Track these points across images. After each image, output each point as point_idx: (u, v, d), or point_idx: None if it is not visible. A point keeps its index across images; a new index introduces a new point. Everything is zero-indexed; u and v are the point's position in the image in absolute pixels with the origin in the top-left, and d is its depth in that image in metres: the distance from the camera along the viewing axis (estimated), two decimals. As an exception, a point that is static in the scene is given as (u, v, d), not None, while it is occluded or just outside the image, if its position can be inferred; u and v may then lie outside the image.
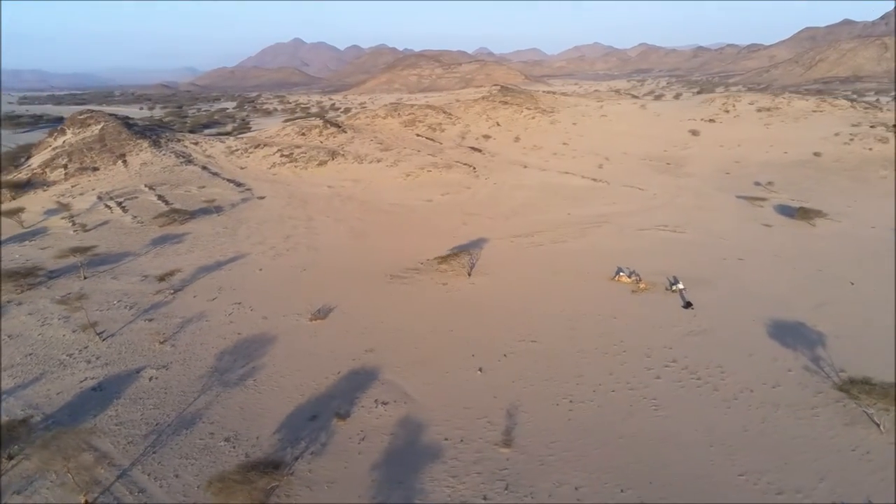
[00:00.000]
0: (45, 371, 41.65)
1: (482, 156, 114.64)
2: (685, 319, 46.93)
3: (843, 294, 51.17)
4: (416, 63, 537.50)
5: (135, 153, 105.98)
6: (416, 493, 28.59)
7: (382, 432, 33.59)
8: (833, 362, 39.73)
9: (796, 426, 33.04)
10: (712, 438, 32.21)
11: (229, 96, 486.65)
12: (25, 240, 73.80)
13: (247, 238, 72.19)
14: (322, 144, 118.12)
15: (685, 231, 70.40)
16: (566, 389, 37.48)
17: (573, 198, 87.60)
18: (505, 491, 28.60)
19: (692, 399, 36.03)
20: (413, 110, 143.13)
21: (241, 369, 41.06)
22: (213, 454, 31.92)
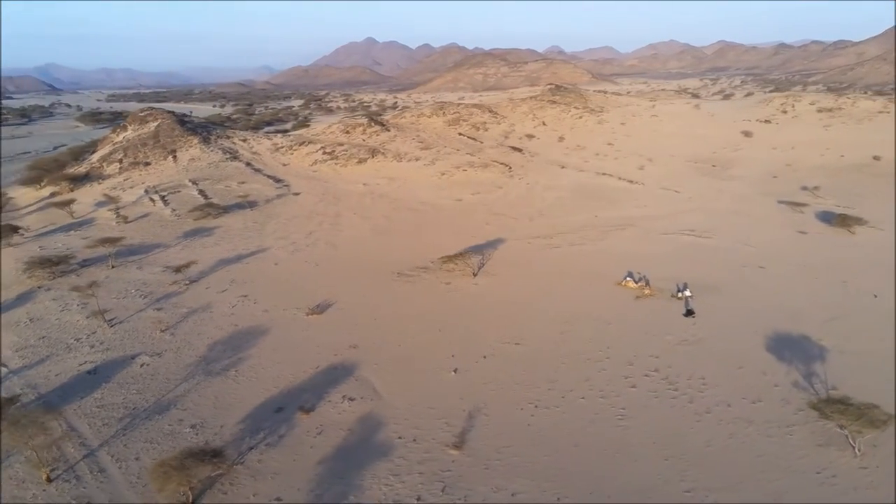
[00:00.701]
0: (51, 353, 44.32)
1: (521, 155, 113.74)
2: (682, 328, 45.37)
3: (861, 307, 48.19)
4: (482, 62, 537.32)
5: (185, 149, 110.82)
6: (354, 490, 28.93)
7: (340, 428, 34.11)
8: (827, 379, 37.57)
9: (764, 444, 31.48)
10: (670, 452, 31.11)
11: (299, 94, 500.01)
12: (71, 230, 78.45)
13: (272, 233, 74.34)
14: (364, 142, 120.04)
15: (712, 236, 67.84)
16: (535, 394, 36.98)
17: (604, 199, 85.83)
18: (441, 493, 28.57)
19: (662, 410, 34.88)
20: (458, 109, 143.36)
21: (227, 360, 42.48)
22: (176, 440, 33.25)
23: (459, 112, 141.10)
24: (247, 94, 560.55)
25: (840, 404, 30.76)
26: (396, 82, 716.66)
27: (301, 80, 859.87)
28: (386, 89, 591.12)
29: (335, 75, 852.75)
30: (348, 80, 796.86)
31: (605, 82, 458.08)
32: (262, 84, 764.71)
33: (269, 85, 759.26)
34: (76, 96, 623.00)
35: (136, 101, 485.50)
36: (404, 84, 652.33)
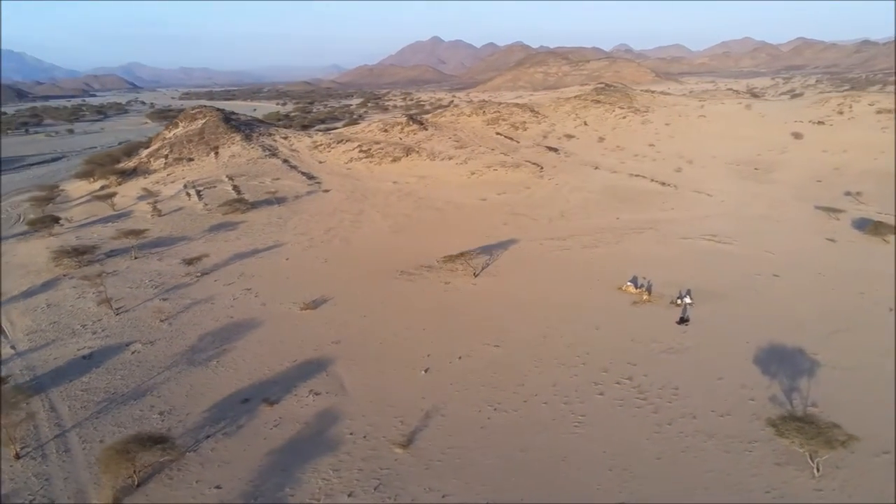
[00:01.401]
0: (57, 338, 46.95)
1: (556, 156, 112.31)
2: (671, 336, 44.03)
3: (870, 321, 45.52)
4: (543, 60, 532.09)
5: (227, 146, 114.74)
6: (292, 482, 29.53)
7: (297, 421, 34.81)
8: (809, 396, 35.75)
9: (719, 459, 30.28)
10: (617, 462, 30.34)
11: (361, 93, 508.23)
12: (109, 221, 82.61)
13: (293, 229, 76.18)
14: (401, 141, 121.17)
15: (733, 242, 65.35)
16: (499, 397, 36.72)
17: (631, 202, 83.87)
18: (373, 490, 28.81)
19: (623, 419, 34.02)
20: (499, 108, 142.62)
21: (212, 350, 43.94)
22: (142, 425, 34.69)
23: (500, 111, 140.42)
24: (311, 92, 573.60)
25: (799, 422, 29.21)
26: (458, 81, 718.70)
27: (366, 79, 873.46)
28: (447, 88, 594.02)
29: (399, 74, 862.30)
30: (412, 79, 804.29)
31: (670, 81, 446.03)
32: (328, 83, 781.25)
33: (335, 84, 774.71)
34: (153, 94, 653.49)
35: (206, 98, 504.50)
36: (466, 83, 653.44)
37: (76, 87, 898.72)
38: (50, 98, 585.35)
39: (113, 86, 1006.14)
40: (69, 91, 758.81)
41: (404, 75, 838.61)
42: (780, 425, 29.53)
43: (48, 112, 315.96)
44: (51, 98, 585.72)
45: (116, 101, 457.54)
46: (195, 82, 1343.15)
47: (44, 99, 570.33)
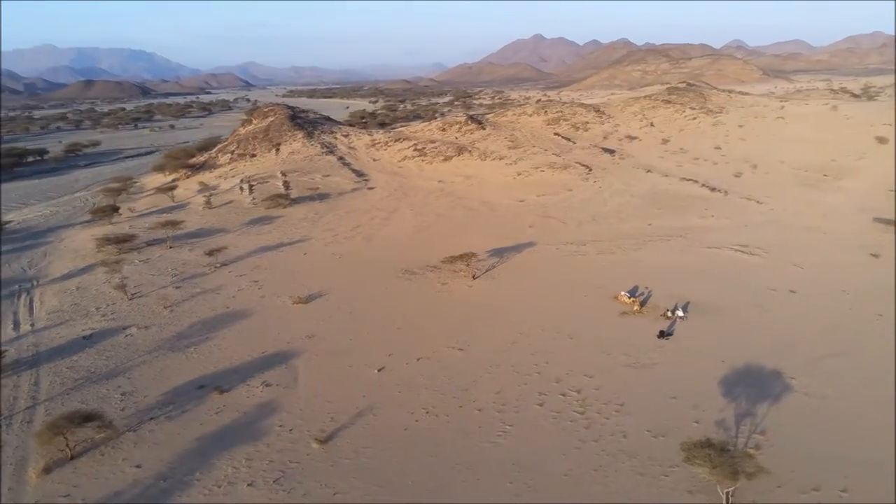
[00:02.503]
0: (71, 318, 51.24)
1: (610, 158, 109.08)
2: (643, 350, 42.21)
3: (874, 346, 41.66)
4: (642, 58, 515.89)
5: (289, 143, 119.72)
6: (205, 466, 31.00)
7: (238, 410, 36.36)
8: (763, 422, 33.36)
9: (629, 482, 28.96)
10: (522, 475, 29.69)
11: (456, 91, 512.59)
12: (165, 212, 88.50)
13: (323, 225, 78.73)
14: (456, 140, 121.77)
15: (762, 254, 61.36)
16: (437, 401, 36.71)
17: (671, 207, 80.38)
18: (272, 482, 29.74)
19: (551, 432, 33.15)
20: (562, 108, 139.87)
21: (196, 338, 46.49)
22: (104, 403, 37.40)
23: (562, 111, 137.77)
24: (407, 90, 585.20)
25: (710, 449, 27.37)
26: (556, 79, 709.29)
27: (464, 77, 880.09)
28: (542, 86, 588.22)
29: (497, 72, 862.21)
30: (509, 77, 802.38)
31: (779, 79, 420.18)
32: (426, 81, 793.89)
33: (433, 82, 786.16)
34: (261, 92, 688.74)
35: (306, 96, 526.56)
36: (563, 81, 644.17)
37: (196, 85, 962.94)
38: (170, 95, 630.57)
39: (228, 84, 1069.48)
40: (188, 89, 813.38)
41: (502, 73, 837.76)
42: (690, 450, 27.80)
43: (160, 108, 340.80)
44: (170, 95, 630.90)
45: (224, 99, 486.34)
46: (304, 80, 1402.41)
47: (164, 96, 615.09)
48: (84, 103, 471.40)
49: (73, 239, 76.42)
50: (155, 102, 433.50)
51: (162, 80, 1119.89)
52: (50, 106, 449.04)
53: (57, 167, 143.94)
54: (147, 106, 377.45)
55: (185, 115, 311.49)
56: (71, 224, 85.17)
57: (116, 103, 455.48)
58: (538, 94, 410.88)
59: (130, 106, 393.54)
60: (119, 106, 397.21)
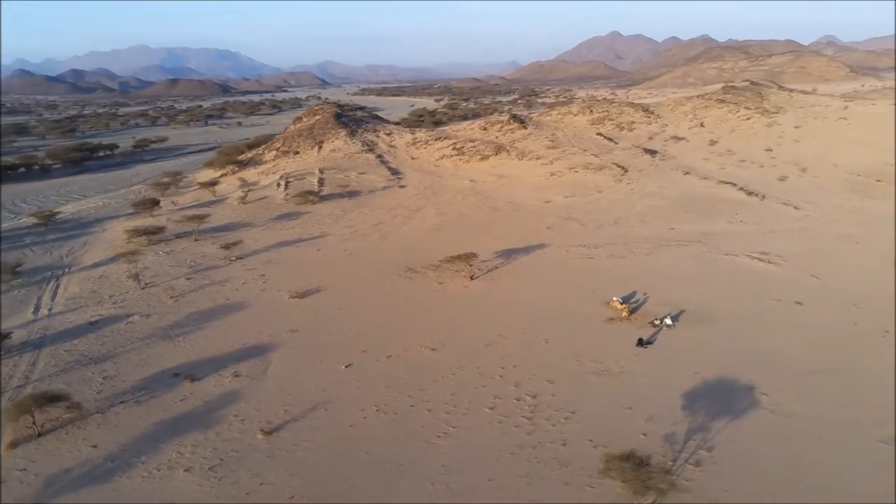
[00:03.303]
0: (84, 305, 54.53)
1: (650, 159, 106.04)
2: (617, 357, 41.23)
3: (865, 365, 39.19)
4: (720, 55, 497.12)
5: (331, 140, 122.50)
6: (153, 451, 32.52)
7: (202, 398, 37.88)
8: (714, 439, 32.07)
9: (552, 491, 28.49)
10: (447, 478, 29.71)
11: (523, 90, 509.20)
12: (205, 206, 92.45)
13: (345, 222, 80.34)
14: (496, 139, 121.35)
15: (780, 263, 58.52)
16: (391, 399, 37.09)
17: (698, 211, 77.62)
18: (208, 468, 30.95)
19: (492, 436, 32.96)
20: (608, 108, 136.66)
21: (189, 327, 48.62)
22: (85, 385, 39.76)
23: (608, 111, 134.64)
24: (476, 88, 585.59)
25: (627, 462, 26.59)
26: (629, 77, 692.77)
27: (536, 76, 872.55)
28: (613, 84, 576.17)
29: (569, 70, 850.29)
30: (581, 76, 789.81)
31: (868, 77, 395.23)
32: (497, 80, 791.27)
33: (503, 80, 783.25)
34: (334, 90, 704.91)
35: (375, 94, 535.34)
36: (636, 79, 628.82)
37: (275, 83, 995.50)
38: (247, 93, 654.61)
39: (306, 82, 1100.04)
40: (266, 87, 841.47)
41: (574, 71, 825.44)
42: (608, 462, 27.10)
43: (234, 106, 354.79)
44: (248, 93, 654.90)
45: (297, 97, 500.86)
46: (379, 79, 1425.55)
47: (242, 94, 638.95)
48: (167, 101, 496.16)
49: (114, 230, 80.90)
50: (231, 100, 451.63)
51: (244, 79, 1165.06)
52: (136, 103, 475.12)
53: (123, 161, 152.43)
54: (223, 104, 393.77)
55: (255, 112, 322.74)
56: (117, 216, 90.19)
57: (196, 101, 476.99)
58: (605, 93, 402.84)
59: (208, 104, 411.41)
60: (197, 104, 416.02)
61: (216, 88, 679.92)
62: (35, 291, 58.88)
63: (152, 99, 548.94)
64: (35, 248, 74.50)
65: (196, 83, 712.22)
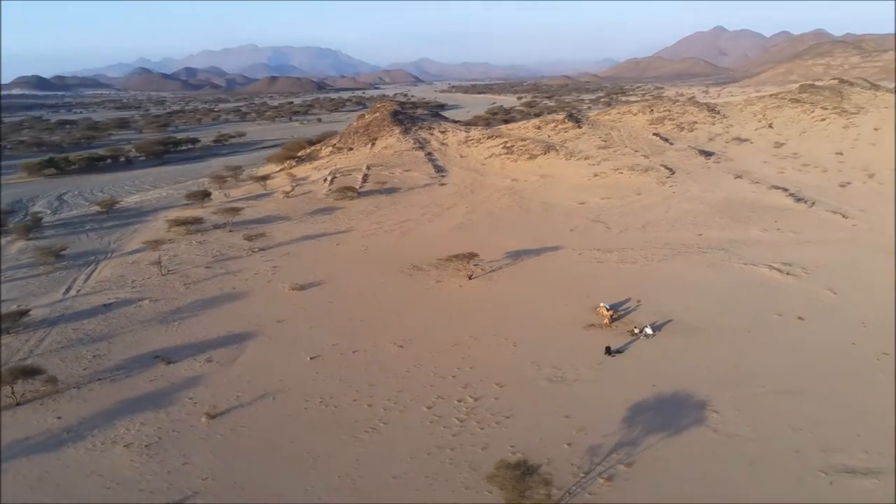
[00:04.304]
0: (107, 288, 58.84)
1: (704, 161, 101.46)
2: (579, 365, 40.41)
3: (842, 389, 36.45)
4: (828, 51, 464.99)
5: (384, 137, 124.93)
6: (106, 426, 34.98)
7: (171, 380, 40.22)
8: (641, 453, 31.00)
9: (451, 493, 28.51)
10: (354, 471, 30.31)
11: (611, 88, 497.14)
12: (253, 199, 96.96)
13: (375, 218, 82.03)
14: (548, 139, 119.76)
15: (801, 275, 55.05)
16: (339, 392, 38.04)
17: (736, 218, 73.86)
18: (144, 446, 33.05)
19: (418, 434, 33.25)
20: (670, 107, 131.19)
21: (187, 314, 51.55)
22: (75, 362, 43.09)
23: (670, 110, 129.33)
24: (564, 86, 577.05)
25: (514, 470, 26.22)
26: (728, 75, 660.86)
27: (630, 73, 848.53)
28: (711, 82, 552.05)
29: (665, 68, 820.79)
30: (678, 73, 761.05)
31: None
32: (587, 77, 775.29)
33: (595, 78, 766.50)
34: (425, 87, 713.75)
35: (462, 92, 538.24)
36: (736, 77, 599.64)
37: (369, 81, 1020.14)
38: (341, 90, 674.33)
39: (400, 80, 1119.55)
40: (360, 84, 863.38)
41: (671, 69, 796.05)
42: (497, 469, 26.83)
43: (321, 103, 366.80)
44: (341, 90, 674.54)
45: (385, 94, 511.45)
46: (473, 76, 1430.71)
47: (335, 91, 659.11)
48: (264, 97, 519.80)
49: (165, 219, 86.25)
50: (321, 97, 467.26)
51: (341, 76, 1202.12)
52: (235, 99, 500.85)
53: (201, 155, 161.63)
54: (312, 101, 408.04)
55: (340, 109, 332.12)
56: (172, 206, 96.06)
57: (291, 98, 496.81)
58: (696, 91, 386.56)
59: (299, 101, 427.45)
60: (288, 100, 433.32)
61: (311, 86, 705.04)
62: (73, 274, 63.88)
63: (251, 96, 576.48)
64: (91, 234, 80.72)
65: (293, 80, 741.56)
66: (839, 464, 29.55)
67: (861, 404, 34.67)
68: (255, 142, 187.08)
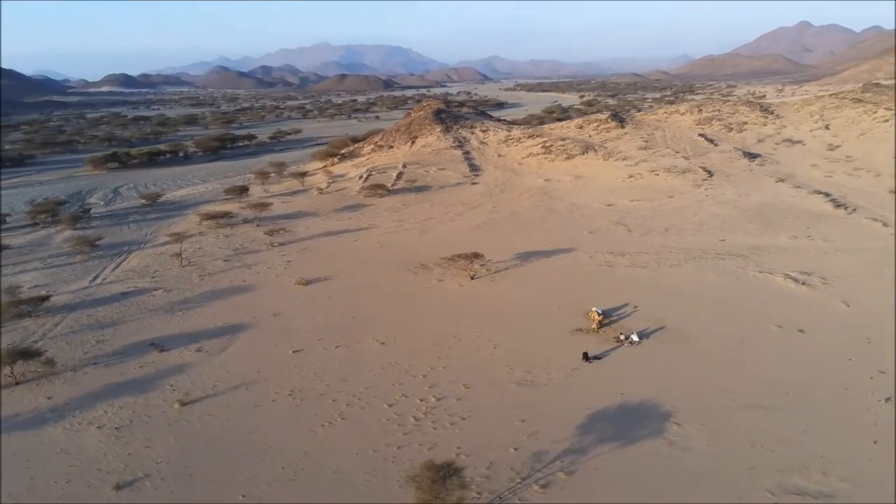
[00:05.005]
0: (129, 278, 61.99)
1: (747, 163, 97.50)
2: (554, 369, 39.93)
3: (820, 408, 34.66)
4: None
5: (425, 136, 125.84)
6: (87, 408, 36.96)
7: (157, 367, 42.06)
8: (586, 462, 30.50)
9: (384, 491, 28.95)
10: (299, 464, 30.98)
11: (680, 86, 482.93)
12: (288, 195, 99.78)
13: (399, 216, 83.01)
14: (589, 139, 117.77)
15: (817, 285, 52.45)
16: (311, 386, 38.87)
17: (766, 223, 70.88)
18: (115, 429, 34.85)
19: (371, 431, 33.67)
20: (720, 107, 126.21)
21: (193, 304, 53.74)
22: (78, 347, 45.71)
23: (719, 110, 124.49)
24: (632, 84, 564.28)
25: (436, 472, 26.32)
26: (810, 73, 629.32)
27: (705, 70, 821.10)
28: (789, 80, 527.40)
29: (742, 65, 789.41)
30: (755, 70, 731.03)
31: None
32: (658, 74, 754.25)
33: (666, 75, 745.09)
34: (490, 85, 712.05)
35: (525, 90, 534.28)
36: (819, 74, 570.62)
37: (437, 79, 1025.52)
38: (407, 88, 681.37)
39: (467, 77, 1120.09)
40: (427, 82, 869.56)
41: (747, 66, 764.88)
42: (421, 469, 26.98)
43: (383, 101, 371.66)
44: (407, 88, 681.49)
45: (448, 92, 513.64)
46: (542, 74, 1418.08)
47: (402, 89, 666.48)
48: (331, 95, 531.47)
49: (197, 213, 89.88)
50: (384, 95, 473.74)
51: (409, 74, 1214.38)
52: (303, 97, 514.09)
53: (255, 151, 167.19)
54: (376, 99, 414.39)
55: (400, 107, 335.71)
56: (213, 200, 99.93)
57: (356, 95, 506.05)
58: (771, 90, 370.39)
59: (363, 98, 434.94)
60: (352, 98, 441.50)
61: (378, 83, 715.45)
62: (105, 263, 67.58)
63: (319, 93, 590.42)
64: (132, 225, 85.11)
65: (361, 78, 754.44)
66: (791, 484, 28.14)
67: (839, 423, 32.82)
68: (310, 139, 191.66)
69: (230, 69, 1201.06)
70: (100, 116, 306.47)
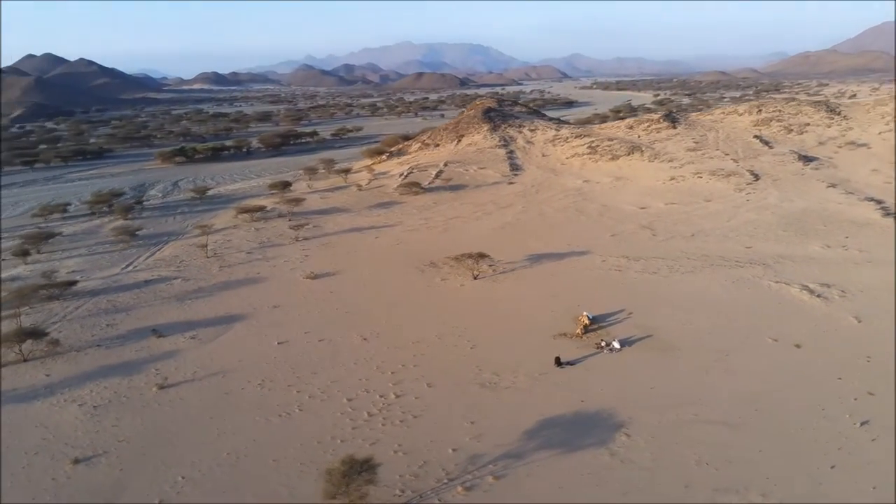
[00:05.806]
0: (157, 266, 65.55)
1: (800, 167, 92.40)
2: (522, 373, 39.59)
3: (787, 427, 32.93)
4: None
5: (471, 135, 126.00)
6: (77, 386, 39.51)
7: (150, 352, 44.38)
8: (519, 467, 30.30)
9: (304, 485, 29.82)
10: (246, 451, 32.14)
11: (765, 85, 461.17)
12: (329, 191, 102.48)
13: (427, 214, 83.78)
14: (637, 139, 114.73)
15: (833, 298, 49.53)
16: (282, 377, 39.96)
17: (801, 231, 67.26)
18: (93, 407, 37.28)
19: (322, 424, 34.44)
20: (782, 107, 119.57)
21: (204, 294, 56.26)
22: (88, 329, 48.93)
23: (781, 110, 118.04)
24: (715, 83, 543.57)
25: (349, 468, 26.85)
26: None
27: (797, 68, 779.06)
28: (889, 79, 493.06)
29: (838, 62, 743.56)
30: (853, 68, 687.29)
31: None
32: (746, 73, 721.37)
33: (754, 73, 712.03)
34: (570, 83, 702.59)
35: (601, 89, 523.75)
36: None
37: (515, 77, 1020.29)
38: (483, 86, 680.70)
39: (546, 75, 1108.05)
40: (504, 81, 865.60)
41: (844, 63, 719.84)
42: (338, 465, 27.55)
43: (451, 100, 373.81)
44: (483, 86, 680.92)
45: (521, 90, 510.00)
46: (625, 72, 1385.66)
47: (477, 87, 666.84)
48: (405, 93, 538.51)
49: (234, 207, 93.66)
50: (456, 93, 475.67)
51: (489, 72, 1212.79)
52: (378, 94, 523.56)
53: (315, 147, 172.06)
54: (447, 97, 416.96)
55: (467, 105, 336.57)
56: (259, 195, 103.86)
57: (429, 93, 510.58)
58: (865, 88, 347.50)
59: (435, 96, 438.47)
60: (423, 96, 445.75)
61: (454, 81, 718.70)
62: (141, 252, 71.72)
63: (394, 91, 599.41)
64: (178, 217, 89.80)
65: (438, 76, 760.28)
66: (722, 505, 26.92)
67: (800, 445, 31.05)
68: (370, 136, 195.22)
69: (314, 67, 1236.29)
70: (183, 112, 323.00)
